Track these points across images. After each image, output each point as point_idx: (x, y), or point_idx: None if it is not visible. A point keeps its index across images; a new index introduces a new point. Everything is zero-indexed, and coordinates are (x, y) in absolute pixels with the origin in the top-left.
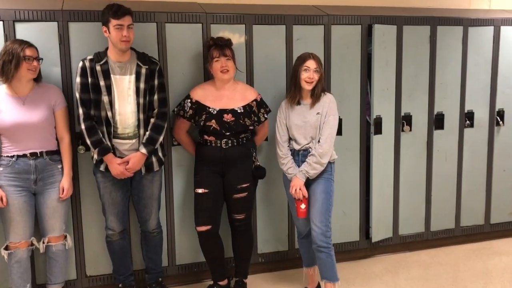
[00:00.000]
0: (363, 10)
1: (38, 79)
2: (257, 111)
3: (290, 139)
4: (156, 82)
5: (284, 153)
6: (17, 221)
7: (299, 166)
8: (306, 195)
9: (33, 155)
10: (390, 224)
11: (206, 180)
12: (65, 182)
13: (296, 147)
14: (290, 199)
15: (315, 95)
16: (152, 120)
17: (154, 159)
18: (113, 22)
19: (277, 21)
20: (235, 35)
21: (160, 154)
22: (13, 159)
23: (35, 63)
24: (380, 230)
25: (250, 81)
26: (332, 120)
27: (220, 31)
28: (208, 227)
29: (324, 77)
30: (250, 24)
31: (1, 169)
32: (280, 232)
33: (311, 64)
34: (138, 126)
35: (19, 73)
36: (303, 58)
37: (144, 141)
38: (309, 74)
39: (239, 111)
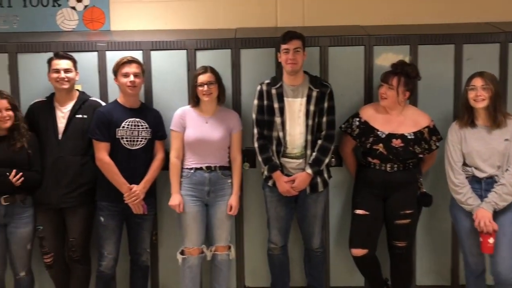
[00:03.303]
0: None
1: (220, 102)
2: (429, 138)
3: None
4: (326, 104)
5: (461, 181)
6: (192, 227)
7: (480, 196)
8: (497, 228)
9: (208, 168)
10: None
11: (367, 202)
12: (234, 200)
13: (480, 175)
14: (463, 231)
15: (492, 116)
16: (320, 141)
17: (319, 179)
18: (282, 47)
19: (445, 40)
20: (399, 56)
21: (325, 175)
22: (192, 171)
23: (205, 88)
24: None
25: (414, 103)
26: None
27: (383, 52)
28: (365, 251)
29: (500, 96)
30: (415, 44)
31: (181, 179)
32: (442, 264)
33: (477, 82)
34: (306, 146)
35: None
36: (470, 78)
37: (310, 161)
38: (476, 92)
39: (409, 137)
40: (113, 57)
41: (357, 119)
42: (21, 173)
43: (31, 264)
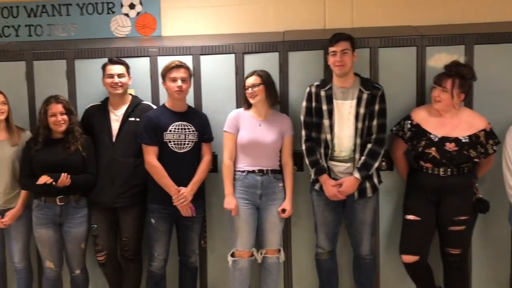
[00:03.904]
0: None
1: (274, 105)
2: (485, 142)
3: None
4: (376, 107)
5: None
6: (243, 230)
7: None
8: None
9: (261, 171)
10: None
11: (419, 207)
12: (288, 204)
13: None
14: None
15: None
16: (369, 145)
17: (368, 184)
18: (329, 49)
19: (503, 39)
20: (453, 57)
21: (375, 180)
22: (244, 174)
23: (249, 90)
24: None
25: (469, 105)
26: None
27: (436, 53)
28: (416, 257)
29: None
30: (470, 44)
31: (234, 182)
32: (500, 274)
33: None
34: (354, 150)
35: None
36: None
37: (358, 165)
38: None
39: (463, 140)
40: (164, 62)
41: (409, 121)
42: (68, 177)
43: (86, 262)
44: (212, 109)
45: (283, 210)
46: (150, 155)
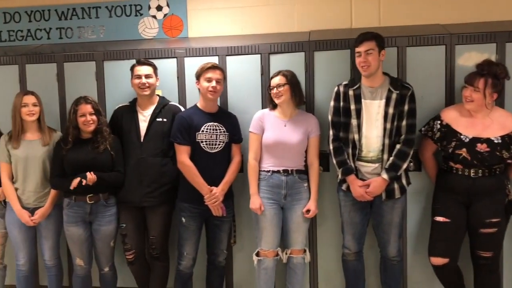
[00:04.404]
0: None
1: (299, 105)
2: None
3: None
4: (406, 107)
5: None
6: (268, 230)
7: None
8: None
9: (285, 171)
10: None
11: (448, 209)
12: (312, 205)
13: None
14: None
15: None
16: (398, 146)
17: (396, 185)
18: (355, 50)
19: None
20: (484, 55)
21: (403, 181)
22: (269, 174)
23: (274, 90)
24: None
25: (501, 104)
26: None
27: (465, 51)
28: (445, 260)
29: None
30: (502, 42)
31: (259, 182)
32: None
33: None
34: (383, 150)
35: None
36: None
37: (387, 166)
38: None
39: (496, 141)
40: (191, 63)
41: (438, 121)
42: (94, 176)
43: (114, 260)
44: (238, 110)
45: (308, 211)
46: (183, 154)
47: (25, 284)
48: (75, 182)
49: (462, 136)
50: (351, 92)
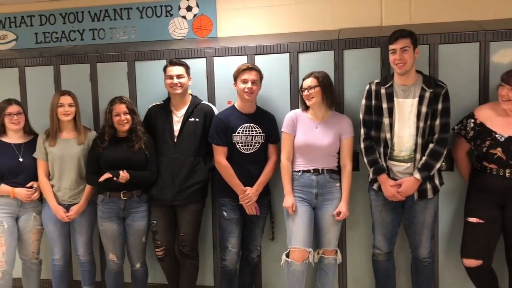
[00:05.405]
0: None
1: (332, 106)
2: None
3: None
4: (440, 106)
5: None
6: (299, 227)
7: None
8: None
9: (316, 171)
10: None
11: (482, 210)
12: (343, 207)
13: None
14: None
15: None
16: (431, 145)
17: (428, 185)
18: (389, 47)
19: None
20: None
21: (436, 181)
22: (299, 173)
23: (305, 92)
24: None
25: None
26: None
27: (501, 48)
28: (479, 262)
29: None
30: None
31: (292, 182)
32: None
33: None
34: (415, 150)
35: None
36: None
37: (419, 166)
38: None
39: None
40: (220, 62)
41: (472, 120)
42: (127, 174)
43: (146, 257)
44: (267, 109)
45: (338, 213)
46: (220, 155)
47: (60, 279)
48: (105, 176)
49: (497, 135)
50: (383, 91)
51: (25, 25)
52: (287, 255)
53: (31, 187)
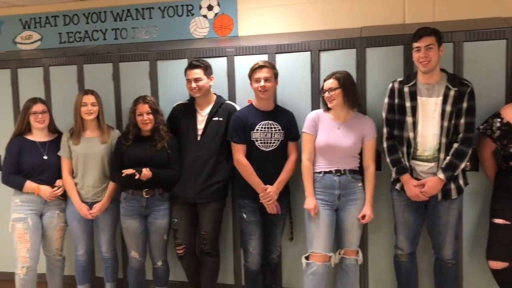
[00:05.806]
0: None
1: (354, 107)
2: None
3: None
4: (465, 105)
5: None
6: (320, 231)
7: None
8: None
9: (337, 171)
10: None
11: (509, 211)
12: (368, 209)
13: None
14: None
15: None
16: (455, 145)
17: (452, 186)
18: (413, 45)
19: None
20: None
21: (460, 181)
22: (321, 174)
23: (326, 94)
24: None
25: None
26: None
27: None
28: (505, 264)
29: None
30: None
31: (314, 183)
32: None
33: None
34: (439, 149)
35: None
36: None
37: (443, 166)
38: None
39: None
40: (241, 61)
41: (498, 119)
42: (150, 172)
43: (167, 254)
44: (288, 107)
45: (363, 216)
46: (239, 153)
47: (83, 275)
48: (128, 171)
49: None
50: (406, 89)
51: (49, 25)
52: (307, 258)
53: (56, 186)
